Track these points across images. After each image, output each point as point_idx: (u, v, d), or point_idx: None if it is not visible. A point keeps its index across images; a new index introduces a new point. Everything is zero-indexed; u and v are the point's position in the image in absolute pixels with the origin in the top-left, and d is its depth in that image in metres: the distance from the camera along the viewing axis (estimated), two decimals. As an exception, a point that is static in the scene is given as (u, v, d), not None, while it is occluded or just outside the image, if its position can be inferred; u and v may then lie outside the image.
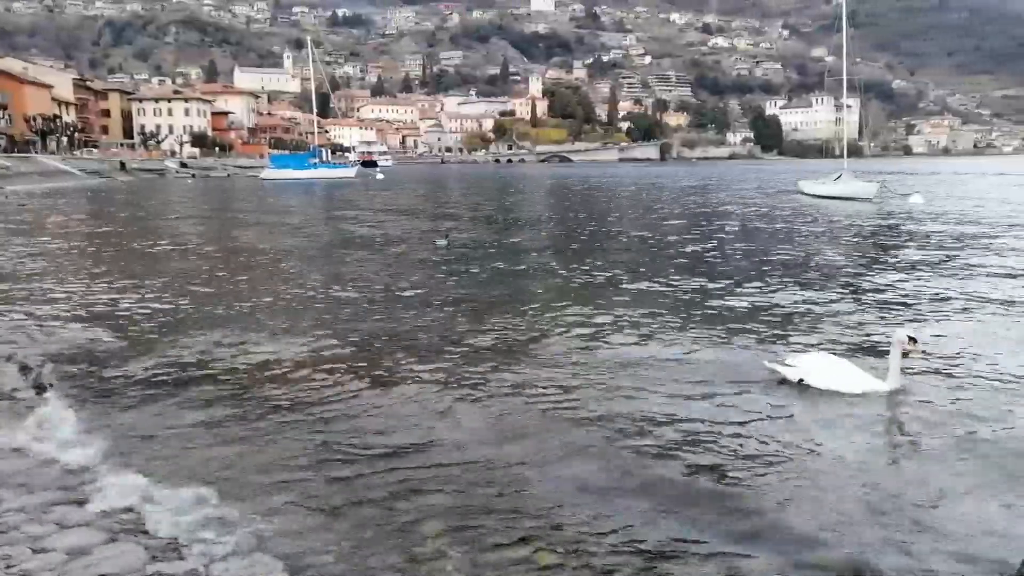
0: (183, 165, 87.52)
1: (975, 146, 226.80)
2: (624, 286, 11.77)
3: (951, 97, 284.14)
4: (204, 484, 4.63)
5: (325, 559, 3.84)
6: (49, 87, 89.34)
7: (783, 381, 6.62)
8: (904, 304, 10.18)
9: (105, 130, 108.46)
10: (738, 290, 11.28)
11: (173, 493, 4.51)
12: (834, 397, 6.28)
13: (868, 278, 12.48)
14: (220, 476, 4.79)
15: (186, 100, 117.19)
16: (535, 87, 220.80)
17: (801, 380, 6.51)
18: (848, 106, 65.05)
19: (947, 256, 14.81)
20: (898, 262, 14.24)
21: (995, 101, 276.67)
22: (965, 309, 9.78)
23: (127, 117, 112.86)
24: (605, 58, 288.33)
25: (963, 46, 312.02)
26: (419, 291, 11.43)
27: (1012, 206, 28.75)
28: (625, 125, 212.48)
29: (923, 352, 6.57)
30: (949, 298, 10.52)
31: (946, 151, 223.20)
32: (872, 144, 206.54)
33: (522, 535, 4.06)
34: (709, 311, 9.86)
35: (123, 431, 5.60)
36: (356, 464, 4.99)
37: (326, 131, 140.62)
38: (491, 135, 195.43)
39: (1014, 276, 12.26)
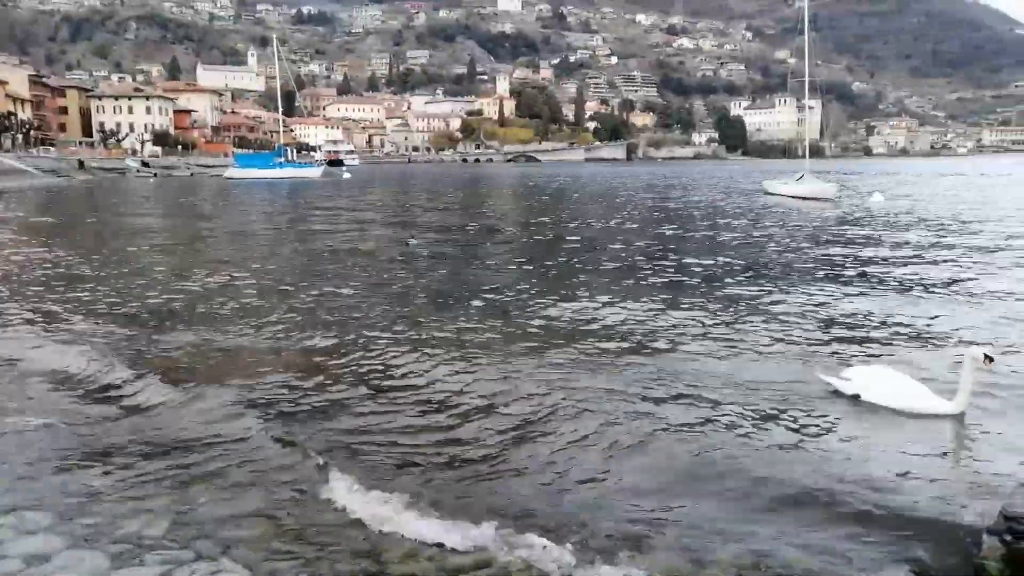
0: (144, 164, 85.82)
1: (932, 147, 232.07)
2: (631, 290, 11.18)
3: (908, 99, 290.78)
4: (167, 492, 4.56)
5: (289, 564, 3.80)
6: (3, 83, 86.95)
7: (836, 394, 6.15)
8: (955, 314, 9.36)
9: (63, 128, 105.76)
10: (755, 294, 10.69)
11: (133, 503, 4.43)
12: (891, 415, 5.77)
13: (873, 279, 12.00)
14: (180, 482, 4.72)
15: (147, 98, 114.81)
16: (502, 87, 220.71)
17: (857, 395, 6.04)
18: (810, 107, 66.15)
19: (949, 259, 14.29)
20: (904, 267, 13.45)
21: (950, 103, 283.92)
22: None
23: (86, 115, 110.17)
24: (572, 58, 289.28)
25: (919, 50, 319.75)
26: (388, 290, 11.36)
27: (967, 205, 29.48)
28: (592, 125, 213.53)
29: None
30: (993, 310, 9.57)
31: (904, 152, 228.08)
32: (833, 145, 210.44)
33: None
34: (738, 316, 9.22)
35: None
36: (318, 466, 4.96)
37: (291, 130, 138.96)
38: (458, 134, 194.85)
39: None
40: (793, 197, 34.61)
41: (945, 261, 14.10)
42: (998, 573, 3.30)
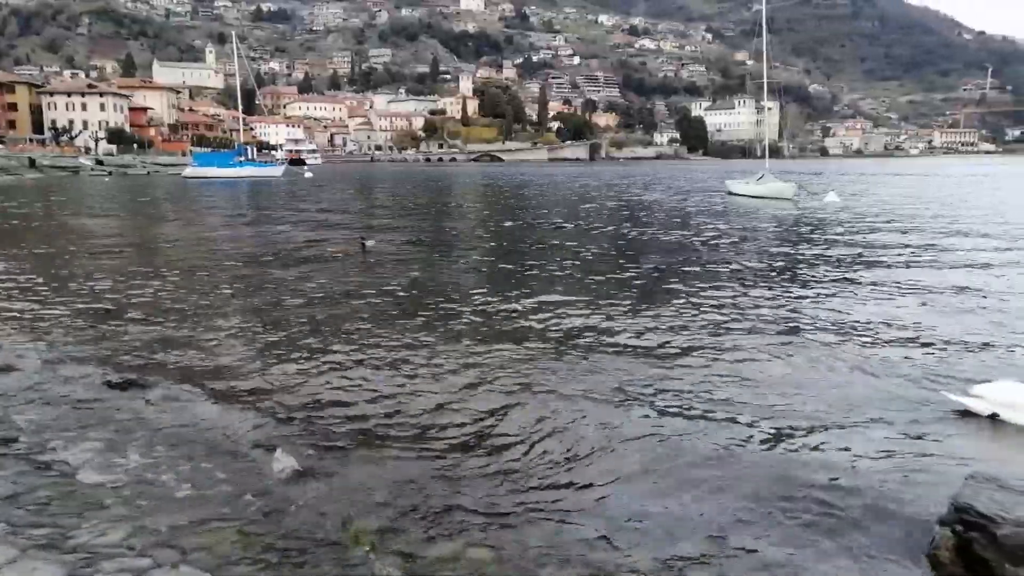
0: (99, 162, 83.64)
1: (885, 148, 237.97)
2: (652, 300, 10.35)
3: (863, 101, 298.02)
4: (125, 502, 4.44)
5: (254, 568, 3.75)
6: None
7: (966, 414, 5.59)
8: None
9: (12, 125, 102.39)
10: (802, 306, 9.85)
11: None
12: None
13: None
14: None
15: (101, 94, 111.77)
16: (466, 86, 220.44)
17: (994, 415, 5.46)
18: (769, 108, 67.35)
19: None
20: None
21: (902, 106, 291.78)
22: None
23: (36, 111, 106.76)
24: (535, 58, 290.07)
25: (873, 53, 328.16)
26: (347, 293, 11.23)
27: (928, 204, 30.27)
28: (555, 125, 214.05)
29: None
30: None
31: (859, 152, 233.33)
32: (791, 146, 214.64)
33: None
34: (820, 333, 8.31)
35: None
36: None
37: (252, 128, 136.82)
38: (422, 134, 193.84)
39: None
40: (754, 197, 35.17)
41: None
42: (949, 563, 3.34)
